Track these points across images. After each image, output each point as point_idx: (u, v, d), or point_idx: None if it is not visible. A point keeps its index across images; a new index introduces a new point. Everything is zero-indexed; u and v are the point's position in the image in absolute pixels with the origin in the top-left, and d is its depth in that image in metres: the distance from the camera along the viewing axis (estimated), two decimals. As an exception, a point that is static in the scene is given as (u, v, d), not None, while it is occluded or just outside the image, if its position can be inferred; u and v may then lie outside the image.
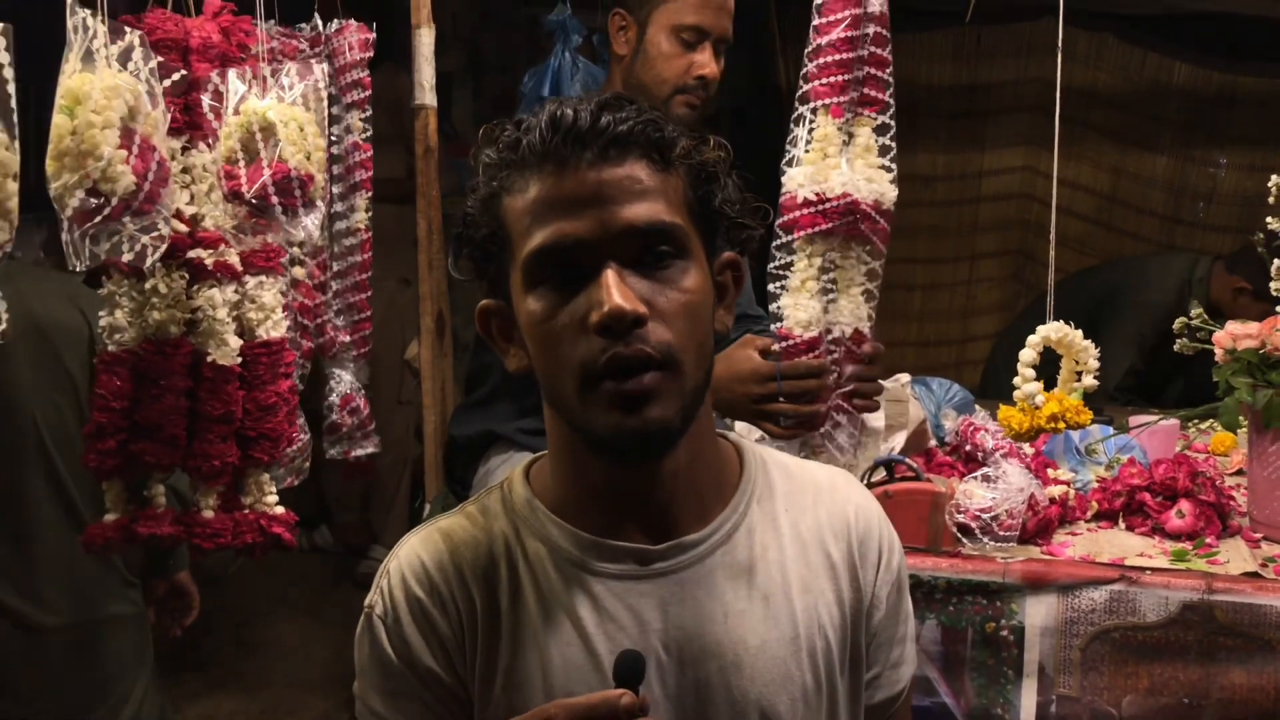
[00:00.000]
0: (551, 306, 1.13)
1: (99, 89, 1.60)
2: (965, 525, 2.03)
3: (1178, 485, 2.14)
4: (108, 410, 1.81)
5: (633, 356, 1.10)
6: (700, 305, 1.16)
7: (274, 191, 1.71)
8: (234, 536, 1.89)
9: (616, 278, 1.10)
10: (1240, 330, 2.09)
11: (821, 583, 1.27)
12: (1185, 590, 1.89)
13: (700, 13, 2.37)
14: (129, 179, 1.62)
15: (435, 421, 2.45)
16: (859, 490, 1.36)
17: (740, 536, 1.25)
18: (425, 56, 2.38)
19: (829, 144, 1.99)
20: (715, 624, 1.21)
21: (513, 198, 1.15)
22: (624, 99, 1.16)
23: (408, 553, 1.25)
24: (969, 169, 4.89)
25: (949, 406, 2.58)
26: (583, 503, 1.22)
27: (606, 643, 1.19)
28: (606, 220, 1.11)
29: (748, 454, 1.31)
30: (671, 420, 1.13)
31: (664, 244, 1.14)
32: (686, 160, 1.17)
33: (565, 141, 1.12)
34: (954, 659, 1.99)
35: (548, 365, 1.15)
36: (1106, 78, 4.72)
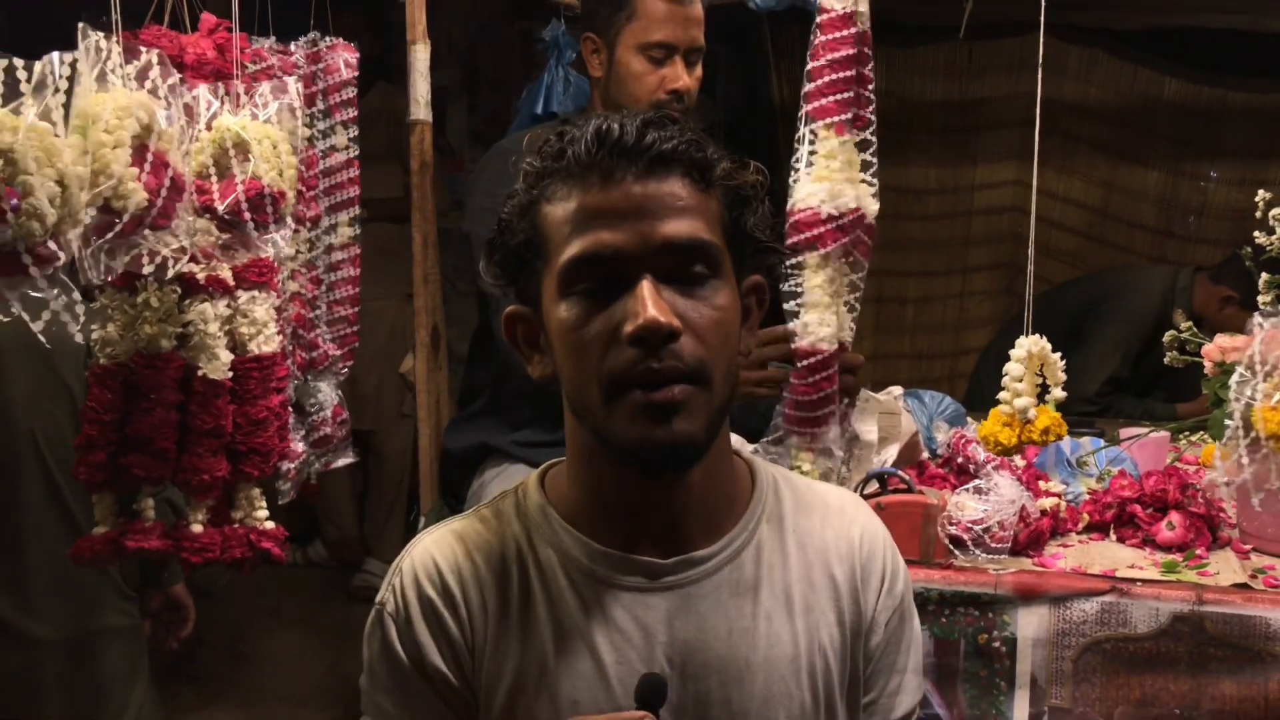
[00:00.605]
0: (585, 314, 1.15)
1: (111, 109, 1.62)
2: (957, 537, 2.04)
3: (1168, 497, 2.14)
4: (98, 423, 1.81)
5: (666, 371, 1.12)
6: (731, 324, 1.19)
7: (247, 207, 1.73)
8: (223, 551, 1.89)
9: (653, 290, 1.12)
10: (1229, 343, 2.10)
11: (824, 603, 1.29)
12: (1176, 602, 1.90)
13: (665, 28, 2.39)
14: (141, 195, 1.64)
15: (430, 434, 2.45)
16: (866, 514, 1.38)
17: (748, 554, 1.26)
18: (420, 72, 2.40)
19: (835, 161, 2.00)
20: (718, 639, 1.23)
21: (553, 206, 1.18)
22: (669, 118, 1.19)
23: (421, 552, 1.27)
24: (961, 183, 4.90)
25: (941, 419, 2.59)
26: (597, 513, 1.24)
27: (613, 653, 1.21)
28: (647, 233, 1.14)
29: (760, 473, 1.33)
30: (698, 435, 1.15)
31: (700, 261, 1.16)
32: (726, 182, 1.20)
33: (611, 154, 1.15)
34: (947, 670, 2.00)
35: (576, 372, 1.17)
36: (1097, 92, 4.73)
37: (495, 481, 2.28)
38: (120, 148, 1.61)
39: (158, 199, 1.64)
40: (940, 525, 2.04)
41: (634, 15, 2.40)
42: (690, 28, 2.43)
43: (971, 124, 4.84)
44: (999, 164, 4.84)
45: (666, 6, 2.40)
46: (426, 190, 2.41)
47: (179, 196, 1.71)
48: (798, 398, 2.07)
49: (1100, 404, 3.80)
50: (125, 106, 1.61)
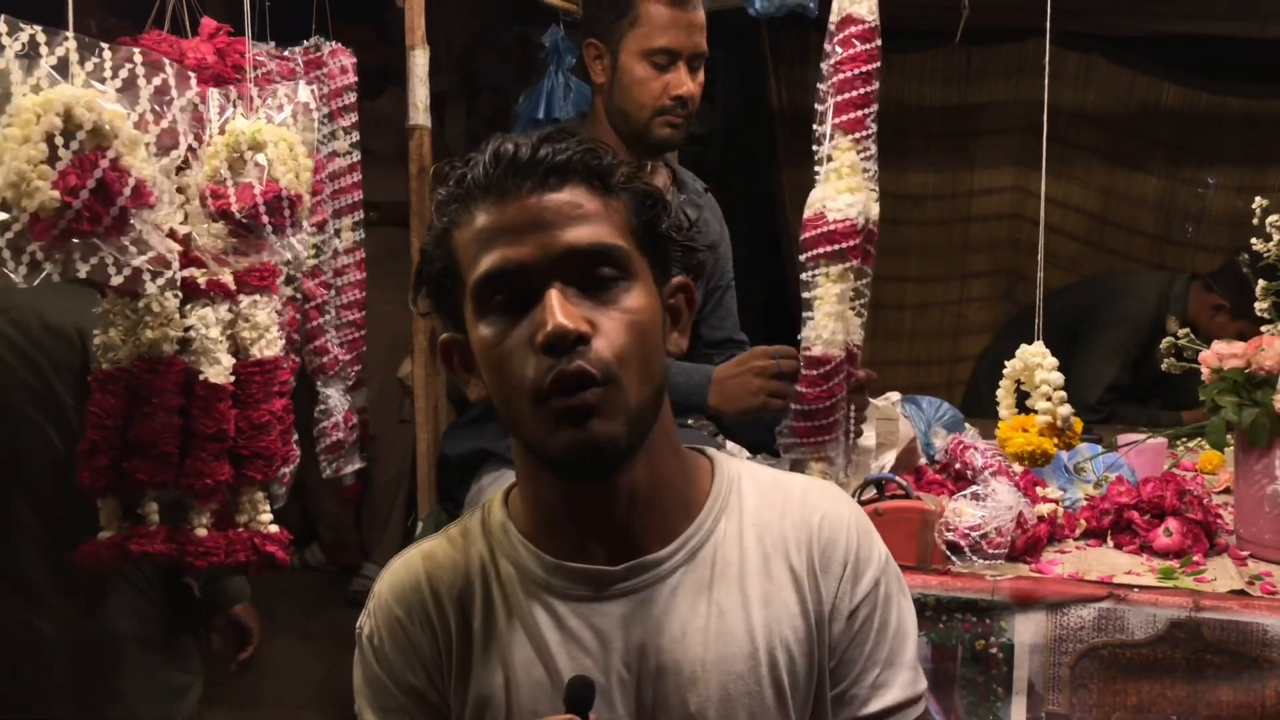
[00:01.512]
0: (501, 331, 1.16)
1: (29, 102, 1.56)
2: (954, 543, 2.04)
3: (1165, 503, 2.15)
4: (101, 428, 1.81)
5: (574, 372, 1.12)
6: (645, 324, 1.18)
7: (265, 211, 1.73)
8: (227, 555, 1.89)
9: (560, 297, 1.13)
10: (1226, 350, 2.10)
11: (785, 594, 1.26)
12: (1173, 608, 1.90)
13: (668, 34, 2.39)
14: (48, 195, 1.55)
15: (427, 440, 2.46)
16: (833, 501, 1.32)
17: (704, 554, 1.26)
18: (420, 77, 2.40)
19: (862, 173, 2.01)
20: (673, 642, 1.23)
21: (461, 231, 1.19)
22: (566, 132, 1.21)
23: (392, 575, 1.31)
24: (959, 189, 4.92)
25: (939, 425, 2.59)
26: (546, 525, 1.26)
27: (569, 662, 1.22)
28: (548, 243, 1.15)
29: (720, 469, 1.32)
30: (618, 435, 1.15)
31: (606, 265, 1.17)
32: (626, 186, 1.21)
33: (507, 173, 1.16)
34: (944, 676, 2.00)
35: (501, 389, 1.18)
36: (1096, 99, 4.75)
37: (492, 486, 2.28)
38: (26, 144, 1.54)
39: (76, 200, 1.55)
40: (937, 531, 2.05)
41: (637, 21, 2.40)
42: (693, 34, 2.44)
43: (970, 129, 4.86)
44: (997, 170, 4.85)
45: (670, 12, 2.41)
46: (425, 195, 2.42)
47: (140, 203, 1.63)
48: (807, 406, 2.06)
49: (1104, 411, 3.81)
50: (44, 102, 1.55)
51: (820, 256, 2.01)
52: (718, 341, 2.63)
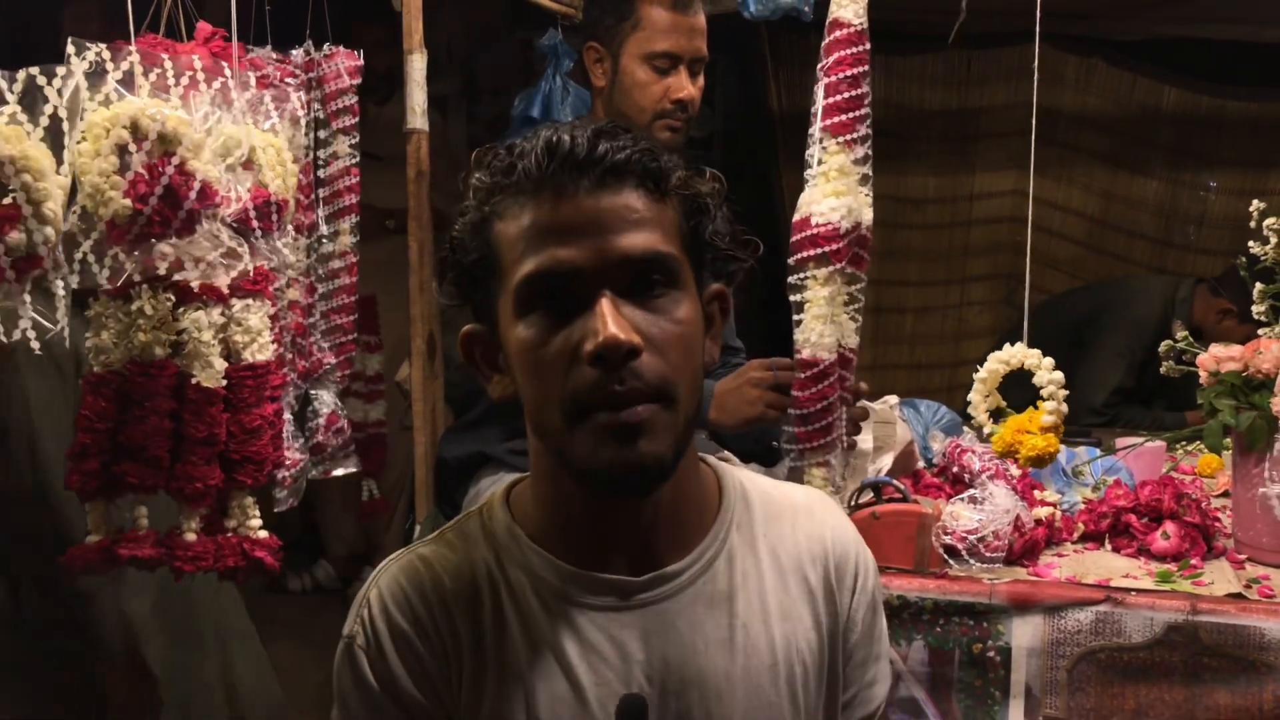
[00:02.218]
0: (543, 334, 1.11)
1: (101, 118, 1.64)
2: (952, 546, 2.04)
3: (1163, 507, 2.14)
4: (92, 431, 1.81)
5: (628, 392, 1.08)
6: (693, 336, 1.15)
7: (254, 215, 1.73)
8: (216, 560, 1.88)
9: (612, 307, 1.09)
10: (1224, 353, 2.10)
11: (800, 608, 1.27)
12: (1170, 611, 1.90)
13: (670, 38, 2.40)
14: (121, 203, 1.65)
15: (425, 443, 2.45)
16: (835, 513, 1.36)
17: (720, 565, 1.24)
18: (417, 82, 2.40)
19: (849, 176, 2.01)
20: (696, 654, 1.21)
21: (505, 223, 1.14)
22: (620, 127, 1.16)
23: (389, 581, 1.23)
24: (960, 192, 4.92)
25: (937, 428, 2.59)
26: (564, 532, 1.22)
27: (590, 674, 1.19)
28: (603, 248, 1.10)
29: (727, 479, 1.30)
30: (665, 455, 1.12)
31: (658, 274, 1.13)
32: (681, 191, 1.17)
33: (562, 168, 1.11)
34: (941, 680, 1.99)
35: (536, 394, 1.14)
36: (1096, 102, 4.75)
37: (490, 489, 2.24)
38: (100, 157, 1.62)
39: (145, 207, 1.64)
40: (935, 535, 2.04)
41: (639, 25, 2.41)
42: (694, 38, 2.44)
43: (970, 133, 4.86)
44: (998, 173, 4.85)
45: (671, 16, 2.41)
46: (423, 199, 2.42)
47: (205, 203, 1.71)
48: (803, 410, 2.06)
49: (1108, 414, 3.80)
50: (112, 116, 1.62)
51: (807, 260, 2.02)
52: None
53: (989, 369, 2.14)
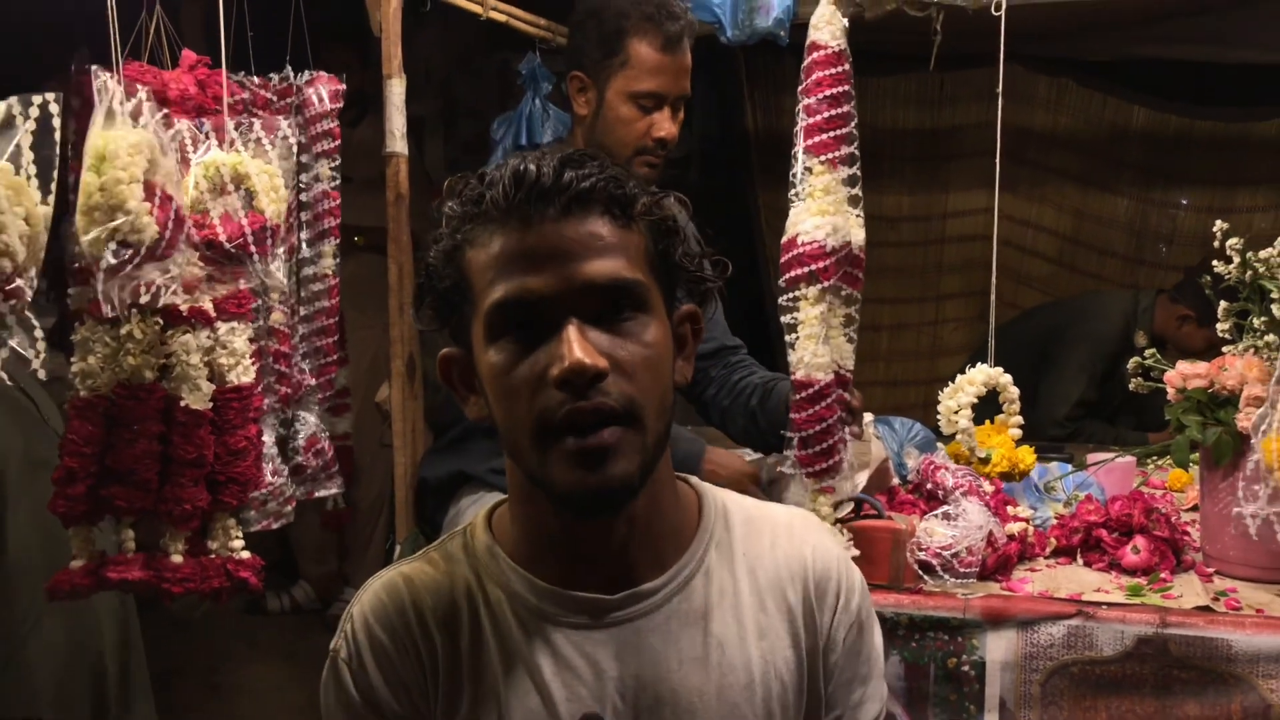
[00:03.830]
0: (512, 359, 1.14)
1: (124, 146, 1.67)
2: (926, 562, 2.07)
3: (1133, 521, 2.18)
4: (79, 455, 1.82)
5: (593, 411, 1.11)
6: (661, 359, 1.18)
7: (252, 241, 1.76)
8: (201, 581, 1.91)
9: (578, 332, 1.12)
10: (1190, 370, 2.14)
11: (778, 627, 1.29)
12: (1140, 624, 1.93)
13: (656, 78, 2.43)
14: (153, 229, 1.69)
15: (405, 463, 2.47)
16: (817, 531, 1.37)
17: (697, 583, 1.26)
18: (396, 106, 2.43)
19: (833, 195, 2.03)
20: (670, 672, 1.23)
21: (476, 251, 1.17)
22: (587, 155, 1.19)
23: (371, 597, 1.27)
24: (934, 211, 4.96)
25: (911, 445, 2.62)
26: (541, 551, 1.24)
27: (563, 690, 1.21)
28: (569, 275, 1.13)
29: (707, 499, 1.33)
30: (633, 475, 1.15)
31: (624, 299, 1.16)
32: (647, 216, 1.20)
33: (529, 197, 1.14)
34: (917, 694, 2.02)
35: (507, 417, 1.17)
36: (1067, 121, 4.80)
37: (471, 509, 2.29)
38: (135, 183, 1.66)
39: (165, 232, 1.68)
40: (910, 551, 2.07)
41: (627, 63, 2.43)
42: (680, 78, 2.47)
43: (944, 152, 4.90)
44: (971, 192, 4.90)
45: (660, 58, 2.43)
46: (402, 221, 2.44)
47: (181, 229, 1.75)
48: (801, 433, 2.06)
49: (1070, 428, 3.86)
50: (136, 143, 1.66)
51: (798, 279, 2.03)
52: (711, 352, 2.64)
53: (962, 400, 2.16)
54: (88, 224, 1.66)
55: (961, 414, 2.18)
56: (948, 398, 2.21)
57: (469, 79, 5.21)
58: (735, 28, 2.87)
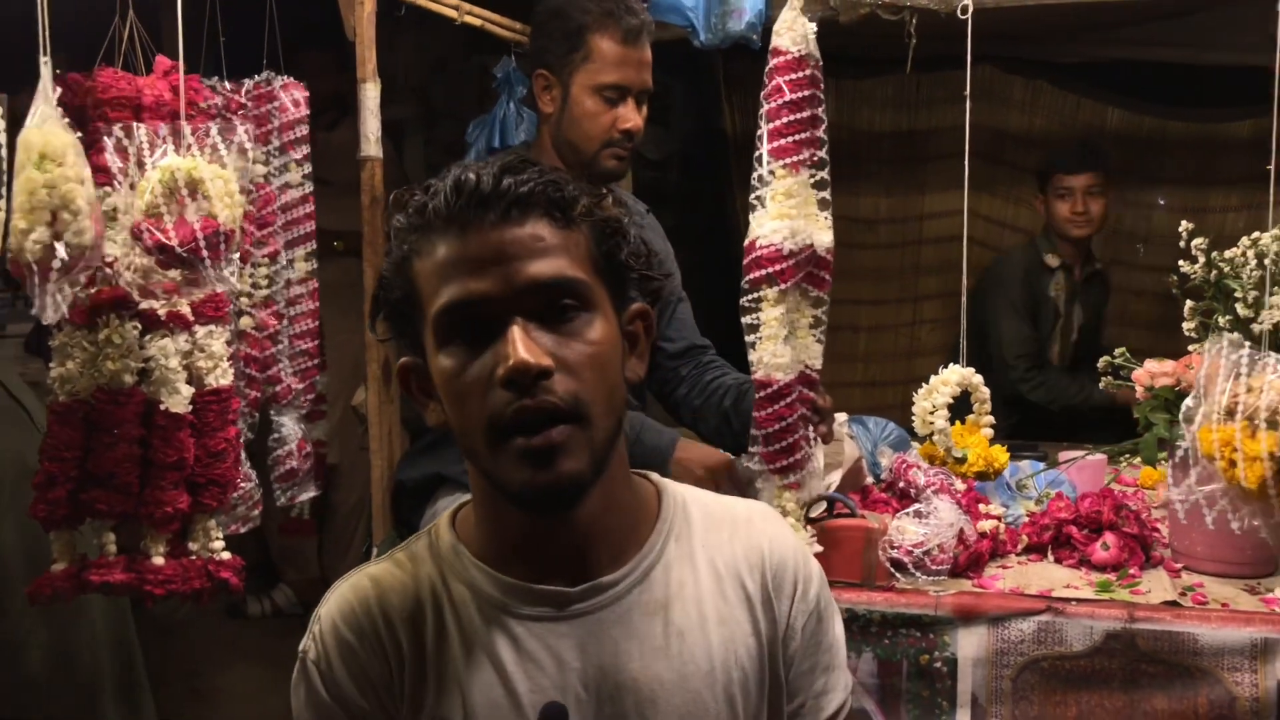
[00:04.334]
0: (462, 363, 1.17)
1: (68, 144, 1.67)
2: (898, 560, 2.09)
3: (1103, 519, 2.21)
4: (59, 459, 1.84)
5: (539, 409, 1.14)
6: (608, 356, 1.21)
7: (204, 245, 1.77)
8: (183, 582, 1.92)
9: (522, 332, 1.15)
10: (1158, 369, 2.17)
11: (738, 615, 1.32)
12: (1108, 620, 1.96)
13: (620, 70, 2.47)
14: (93, 233, 1.69)
15: (382, 466, 2.48)
16: (775, 524, 1.41)
17: (657, 574, 1.29)
18: (370, 110, 2.44)
19: (794, 199, 2.05)
20: (631, 661, 1.26)
21: (422, 260, 1.20)
22: (527, 161, 1.22)
23: (338, 599, 1.29)
24: (910, 212, 4.98)
25: (885, 444, 2.65)
26: (504, 548, 1.27)
27: (526, 682, 1.24)
28: (510, 277, 1.16)
29: (666, 494, 1.36)
30: (583, 472, 1.17)
31: (568, 298, 1.19)
32: (588, 218, 1.23)
33: (469, 204, 1.17)
34: (890, 691, 2.04)
35: (460, 419, 1.20)
36: (1043, 123, 4.84)
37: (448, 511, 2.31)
38: (81, 183, 1.66)
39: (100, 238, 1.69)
40: (882, 549, 2.09)
41: (589, 57, 2.47)
42: (642, 71, 2.51)
43: (920, 154, 4.93)
44: (948, 193, 4.92)
45: (622, 50, 2.48)
46: (377, 225, 2.46)
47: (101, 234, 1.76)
48: (763, 431, 2.09)
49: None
50: (76, 144, 1.66)
51: (758, 281, 2.06)
52: (680, 352, 2.68)
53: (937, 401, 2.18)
54: (31, 223, 1.65)
55: (938, 415, 2.20)
56: (922, 399, 2.23)
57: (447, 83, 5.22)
58: (708, 31, 2.90)
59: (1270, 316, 1.99)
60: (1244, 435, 1.85)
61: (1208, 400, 1.93)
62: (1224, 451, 1.86)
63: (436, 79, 5.24)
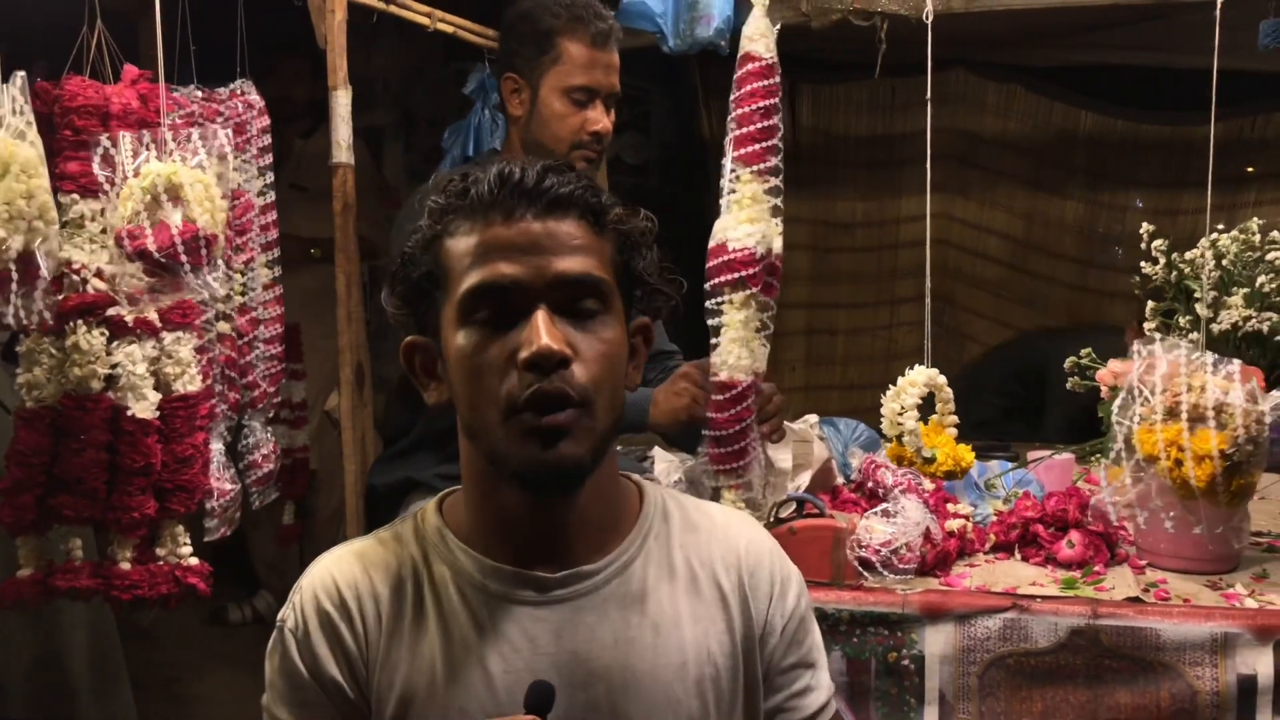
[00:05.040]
0: (483, 342, 1.22)
1: (34, 155, 1.71)
2: (866, 559, 2.10)
3: (1068, 517, 2.22)
4: (25, 465, 1.85)
5: (555, 393, 1.19)
6: (617, 357, 1.26)
7: (183, 250, 1.78)
8: (150, 588, 1.93)
9: (547, 320, 1.20)
10: (1120, 368, 2.19)
11: (713, 613, 1.35)
12: (1073, 616, 1.97)
13: (588, 73, 2.49)
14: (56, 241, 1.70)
15: (355, 470, 2.49)
16: (752, 528, 1.45)
17: (635, 569, 1.33)
18: (342, 117, 2.45)
19: (762, 204, 2.07)
20: (605, 649, 1.29)
21: (455, 240, 1.26)
22: (567, 166, 1.29)
23: (320, 571, 1.33)
24: (886, 216, 5.00)
25: (855, 445, 2.66)
26: (490, 532, 1.31)
27: (501, 663, 1.27)
28: (542, 267, 1.22)
29: (649, 494, 1.40)
30: (584, 457, 1.22)
31: (591, 296, 1.25)
32: (618, 226, 1.29)
33: (512, 194, 1.24)
34: (859, 689, 2.05)
35: (472, 397, 1.24)
36: (1016, 126, 4.87)
37: (420, 514, 2.32)
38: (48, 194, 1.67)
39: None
40: (850, 548, 2.10)
41: (558, 59, 2.50)
42: (610, 74, 2.54)
43: (896, 158, 4.95)
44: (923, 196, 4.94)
45: (590, 53, 2.50)
46: (349, 231, 2.47)
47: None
48: (719, 432, 2.11)
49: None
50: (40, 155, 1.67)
51: (723, 284, 2.08)
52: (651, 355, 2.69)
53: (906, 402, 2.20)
54: (9, 232, 1.67)
55: (908, 416, 2.22)
56: (891, 400, 2.26)
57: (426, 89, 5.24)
58: (676, 37, 2.92)
59: (1228, 316, 2.01)
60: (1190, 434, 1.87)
61: (1142, 401, 1.96)
62: (1169, 451, 1.88)
63: (415, 86, 5.26)
